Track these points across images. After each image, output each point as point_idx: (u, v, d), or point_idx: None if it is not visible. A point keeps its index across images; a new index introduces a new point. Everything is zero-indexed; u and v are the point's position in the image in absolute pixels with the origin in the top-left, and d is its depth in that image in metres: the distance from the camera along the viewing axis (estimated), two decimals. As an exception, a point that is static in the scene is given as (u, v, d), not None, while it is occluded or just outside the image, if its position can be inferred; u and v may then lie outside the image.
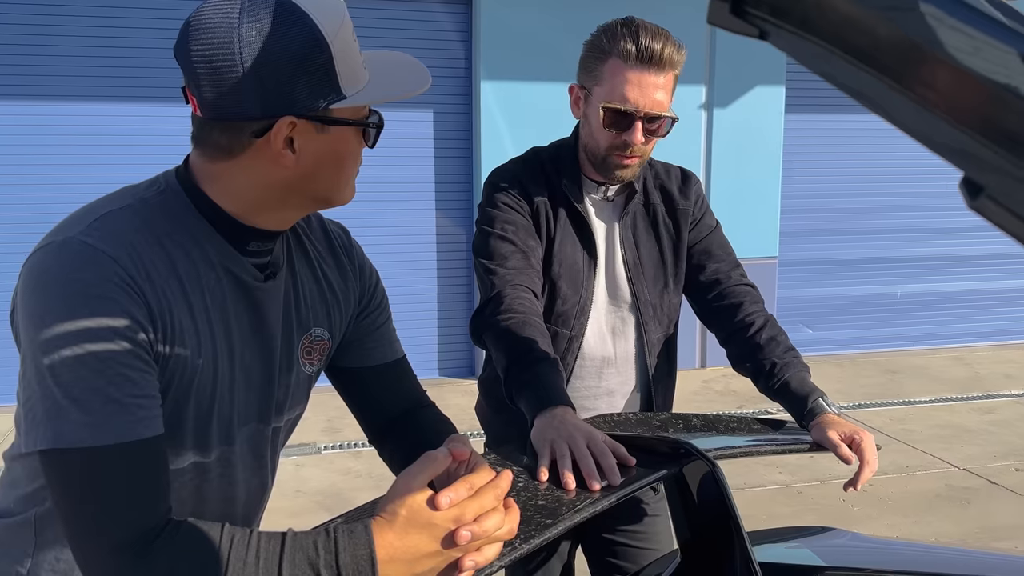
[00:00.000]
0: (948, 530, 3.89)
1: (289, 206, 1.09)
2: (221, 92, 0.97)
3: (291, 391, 1.20)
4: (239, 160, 1.02)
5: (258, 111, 0.98)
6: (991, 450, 4.94)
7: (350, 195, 1.12)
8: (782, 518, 3.91)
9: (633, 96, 1.66)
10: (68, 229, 0.98)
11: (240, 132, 1.00)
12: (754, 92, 6.51)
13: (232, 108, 0.98)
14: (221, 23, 0.96)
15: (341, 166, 1.07)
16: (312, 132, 1.01)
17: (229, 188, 1.05)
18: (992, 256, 7.48)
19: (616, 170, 1.74)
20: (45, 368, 0.92)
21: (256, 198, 1.06)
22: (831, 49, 0.55)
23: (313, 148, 1.03)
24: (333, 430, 5.15)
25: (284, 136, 1.00)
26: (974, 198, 0.51)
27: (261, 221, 1.08)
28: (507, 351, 1.61)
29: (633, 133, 1.68)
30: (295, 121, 0.99)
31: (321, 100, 0.99)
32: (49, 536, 1.10)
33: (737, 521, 1.35)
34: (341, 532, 0.95)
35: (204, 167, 1.05)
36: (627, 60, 1.65)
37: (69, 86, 5.55)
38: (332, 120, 1.02)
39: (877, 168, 7.15)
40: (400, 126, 6.00)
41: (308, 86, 0.98)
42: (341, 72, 0.99)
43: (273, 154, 1.01)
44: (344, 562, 0.93)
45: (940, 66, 0.50)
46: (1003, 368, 6.80)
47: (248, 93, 0.96)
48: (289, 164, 1.02)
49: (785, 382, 1.70)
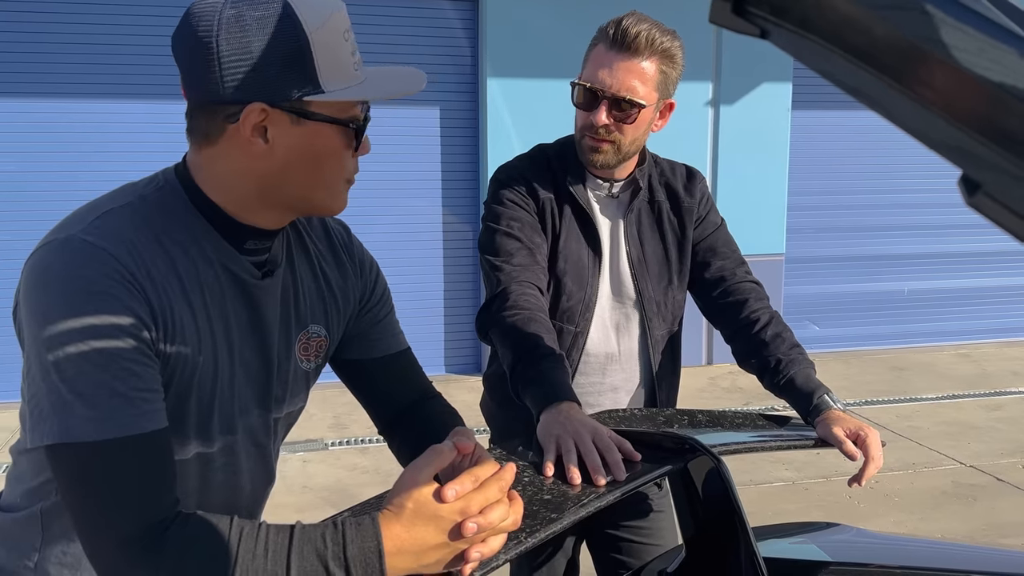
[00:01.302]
0: (955, 527, 3.89)
1: (272, 204, 1.08)
2: (199, 75, 0.99)
3: (289, 386, 1.21)
4: (219, 147, 1.04)
5: (228, 95, 0.99)
6: (998, 447, 4.93)
7: (337, 203, 1.11)
8: (789, 514, 3.91)
9: (602, 76, 1.67)
10: (69, 227, 1.00)
11: (215, 116, 1.02)
12: (761, 89, 6.50)
13: (208, 92, 1.00)
14: (208, 9, 0.99)
15: (318, 165, 1.06)
16: (286, 124, 1.02)
17: (213, 177, 1.06)
18: (999, 253, 7.46)
19: (590, 153, 1.74)
20: (50, 364, 0.93)
21: (238, 191, 1.06)
22: (831, 48, 0.56)
23: (287, 141, 1.03)
24: (340, 426, 5.17)
25: (254, 123, 1.00)
26: (971, 195, 0.52)
27: (255, 219, 1.09)
28: (513, 347, 1.61)
29: (597, 113, 1.69)
30: (267, 109, 1.00)
31: (295, 90, 1.00)
32: (56, 530, 1.11)
33: (742, 516, 1.36)
34: (349, 524, 0.96)
35: (194, 158, 1.07)
36: (606, 43, 1.68)
37: (73, 83, 5.56)
38: (308, 114, 1.02)
39: (884, 165, 7.13)
40: (407, 123, 6.02)
41: (281, 75, 0.99)
42: (321, 66, 1.00)
43: (243, 141, 1.02)
44: (352, 554, 0.94)
45: (938, 65, 0.50)
46: (1010, 365, 6.78)
47: (221, 77, 0.98)
48: (260, 153, 1.02)
49: (790, 378, 1.71)
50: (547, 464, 1.34)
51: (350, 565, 0.94)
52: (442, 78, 6.08)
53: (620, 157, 1.76)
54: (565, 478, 1.31)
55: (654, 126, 1.77)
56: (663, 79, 1.70)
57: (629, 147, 1.75)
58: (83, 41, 5.55)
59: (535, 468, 1.34)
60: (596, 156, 1.74)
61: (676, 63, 1.71)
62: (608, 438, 1.36)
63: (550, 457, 1.35)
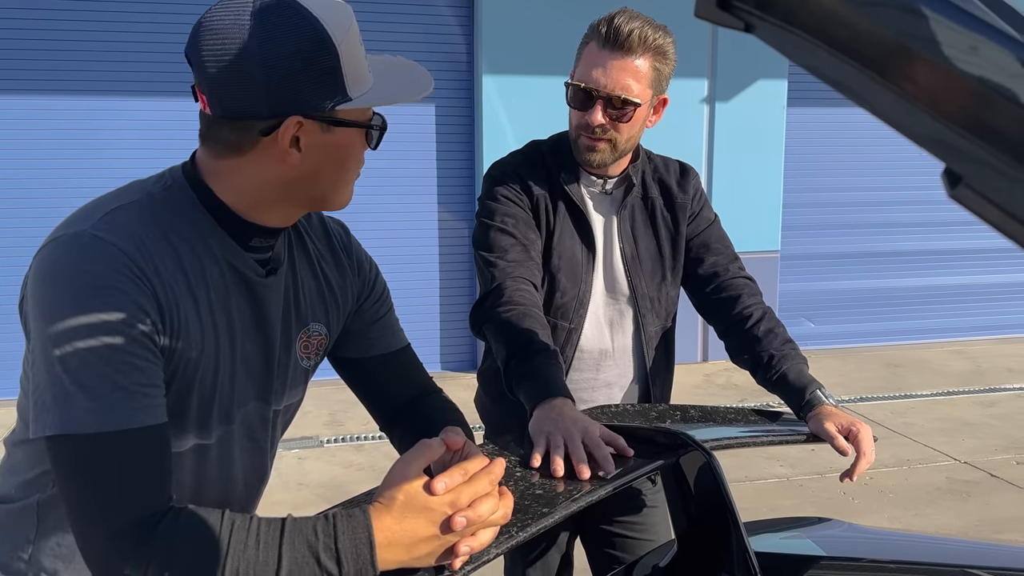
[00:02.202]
0: (949, 523, 3.90)
1: (289, 204, 1.11)
2: (230, 91, 0.99)
3: (288, 383, 1.22)
4: (247, 157, 1.05)
5: (266, 110, 1.00)
6: (992, 443, 4.94)
7: (347, 198, 1.15)
8: (784, 510, 3.92)
9: (596, 75, 1.67)
10: (79, 223, 1.01)
11: (248, 130, 1.02)
12: (756, 86, 6.50)
13: (241, 107, 1.00)
14: (233, 24, 0.98)
15: (343, 167, 1.10)
16: (318, 132, 1.04)
17: (234, 184, 1.07)
18: (993, 250, 7.47)
19: (586, 152, 1.75)
20: (54, 357, 0.94)
21: (259, 195, 1.08)
22: (814, 42, 0.56)
23: (318, 148, 1.05)
24: (335, 423, 5.17)
25: (291, 135, 1.02)
26: (953, 187, 0.52)
27: (263, 218, 1.10)
28: (507, 343, 1.62)
29: (592, 113, 1.69)
30: (302, 121, 1.02)
31: (328, 101, 1.02)
32: (51, 522, 1.11)
33: (733, 511, 1.37)
34: (340, 517, 0.97)
35: (210, 163, 1.08)
36: (599, 42, 1.68)
37: (80, 80, 5.54)
38: (338, 121, 1.04)
39: (879, 162, 7.14)
40: (402, 120, 6.01)
41: (315, 87, 1.00)
42: (347, 75, 1.02)
43: (280, 152, 1.03)
44: (343, 545, 0.95)
45: (921, 60, 0.51)
46: (1004, 362, 6.79)
47: (257, 93, 0.99)
48: (295, 163, 1.04)
49: (783, 374, 1.71)
50: (535, 456, 1.34)
51: (341, 556, 0.95)
52: (437, 74, 6.07)
53: (616, 155, 1.76)
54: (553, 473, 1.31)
55: (648, 122, 1.78)
56: (656, 76, 1.71)
57: (625, 145, 1.75)
58: (81, 38, 5.52)
59: (527, 463, 1.35)
60: (593, 155, 1.74)
61: (669, 59, 1.72)
62: (597, 436, 1.37)
63: (539, 451, 1.36)
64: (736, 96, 6.49)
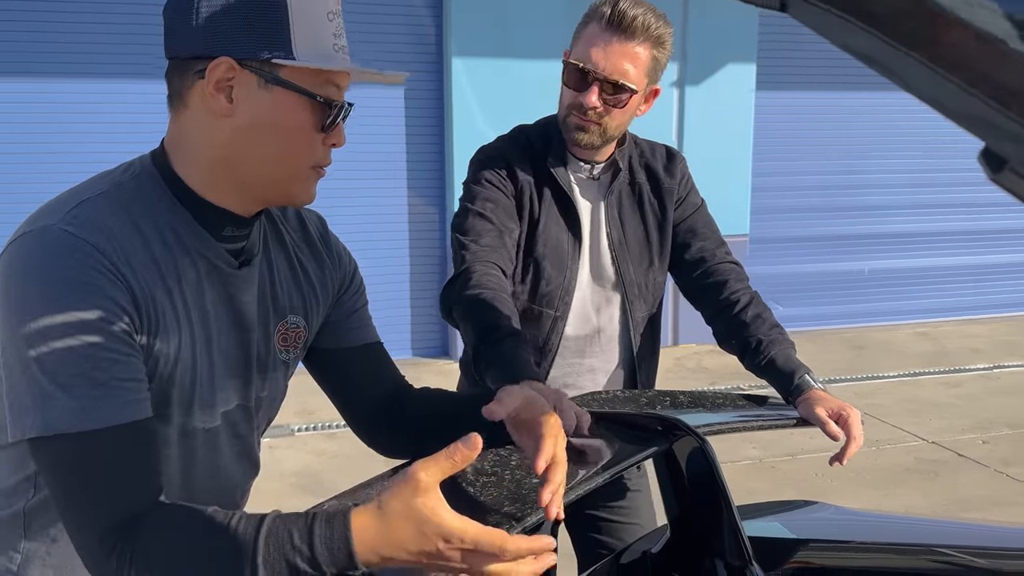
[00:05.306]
0: (917, 502, 3.96)
1: (239, 183, 1.06)
2: (176, 30, 1.01)
3: (268, 376, 1.20)
4: (189, 110, 1.03)
5: (201, 47, 1.00)
6: (958, 423, 5.03)
7: (304, 192, 1.09)
8: (759, 493, 3.96)
9: (596, 57, 1.66)
10: (46, 218, 0.97)
11: (186, 72, 1.02)
12: (726, 69, 6.51)
13: (182, 43, 1.01)
14: None
15: (282, 139, 1.03)
16: (253, 86, 1.01)
17: (183, 147, 1.05)
18: (957, 232, 7.59)
19: (575, 132, 1.73)
20: (30, 358, 0.92)
21: (205, 162, 1.05)
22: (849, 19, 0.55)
23: (252, 105, 1.01)
24: (306, 412, 5.12)
25: (219, 78, 1.00)
26: (996, 171, 0.51)
27: (221, 199, 1.07)
28: (475, 326, 1.59)
29: (588, 94, 1.67)
30: (234, 67, 0.99)
31: (265, 51, 0.99)
32: (37, 531, 1.08)
33: (727, 496, 1.36)
34: (319, 521, 0.90)
35: (169, 133, 1.07)
36: (600, 23, 1.67)
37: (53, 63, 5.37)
38: (276, 79, 1.01)
39: (846, 146, 7.21)
40: (370, 103, 5.93)
41: (253, 32, 0.99)
42: (297, 33, 0.99)
43: (208, 97, 1.01)
44: (319, 553, 0.89)
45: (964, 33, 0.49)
46: (969, 343, 6.91)
47: (196, 31, 0.99)
48: (222, 110, 1.01)
49: (771, 359, 1.71)
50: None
51: (319, 562, 0.89)
52: (406, 56, 6.00)
53: (604, 140, 1.75)
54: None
55: (639, 111, 1.77)
56: (654, 65, 1.70)
57: (615, 131, 1.74)
58: (67, 20, 5.36)
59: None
60: (581, 135, 1.72)
61: (666, 49, 1.72)
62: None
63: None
64: (705, 80, 6.50)
